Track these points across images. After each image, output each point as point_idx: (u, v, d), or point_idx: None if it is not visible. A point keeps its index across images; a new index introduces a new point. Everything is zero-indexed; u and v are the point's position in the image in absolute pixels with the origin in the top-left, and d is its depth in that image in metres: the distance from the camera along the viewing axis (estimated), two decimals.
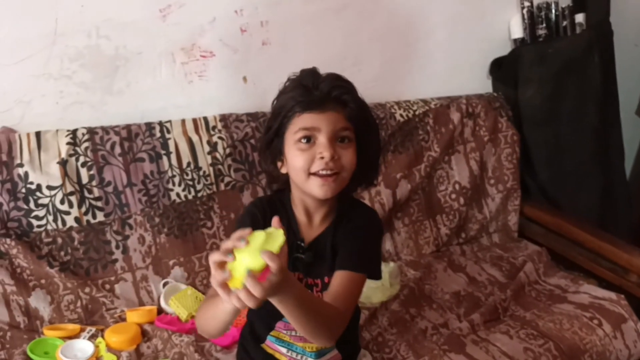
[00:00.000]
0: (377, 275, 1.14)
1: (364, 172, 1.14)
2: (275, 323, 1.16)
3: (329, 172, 1.05)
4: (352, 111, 1.08)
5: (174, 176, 1.72)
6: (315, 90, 1.07)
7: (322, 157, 1.05)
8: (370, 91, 1.15)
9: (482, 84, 2.22)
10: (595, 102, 2.04)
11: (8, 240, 1.55)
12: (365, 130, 1.11)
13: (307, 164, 1.06)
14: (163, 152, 1.72)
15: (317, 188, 1.06)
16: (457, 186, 2.05)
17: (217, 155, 1.76)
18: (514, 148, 2.11)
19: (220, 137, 1.77)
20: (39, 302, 1.57)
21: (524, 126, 2.13)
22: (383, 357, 1.44)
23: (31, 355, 1.43)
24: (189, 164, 1.73)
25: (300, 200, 1.14)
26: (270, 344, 1.17)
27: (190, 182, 1.73)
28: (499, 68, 2.18)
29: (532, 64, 2.08)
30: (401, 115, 1.98)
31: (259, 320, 1.19)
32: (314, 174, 1.06)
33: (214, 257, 0.85)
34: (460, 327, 1.56)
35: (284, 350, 1.16)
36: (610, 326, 1.56)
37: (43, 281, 1.58)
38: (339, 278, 1.08)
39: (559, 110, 2.06)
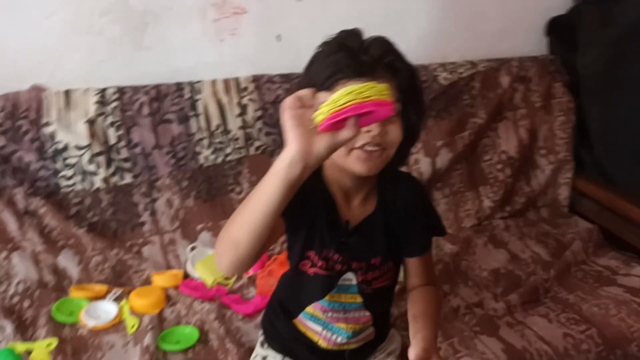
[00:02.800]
0: (444, 233, 1.15)
1: (405, 146, 1.01)
2: (307, 305, 1.09)
3: (375, 148, 0.93)
4: (403, 80, 0.95)
5: (202, 139, 1.67)
6: (363, 54, 0.93)
7: (368, 131, 0.91)
8: (413, 52, 1.02)
9: (537, 46, 2.06)
10: None
11: (37, 200, 1.55)
12: (413, 101, 0.99)
13: None
14: (191, 113, 1.67)
15: (359, 164, 0.94)
16: (503, 156, 1.92)
17: (248, 118, 1.70)
18: (569, 117, 1.95)
19: (251, 99, 1.71)
20: (67, 261, 1.57)
21: (582, 94, 1.96)
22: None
23: (56, 315, 1.43)
24: (218, 127, 1.68)
25: (336, 180, 1.03)
26: (303, 321, 1.11)
27: (220, 146, 1.68)
28: (557, 28, 2.00)
29: (594, 25, 1.89)
30: (445, 78, 1.85)
31: (291, 298, 1.12)
32: (357, 148, 0.94)
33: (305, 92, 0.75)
34: (496, 307, 1.46)
35: (318, 328, 1.10)
36: None
37: (72, 241, 1.58)
38: (423, 263, 1.11)
39: (622, 79, 1.85)
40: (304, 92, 0.74)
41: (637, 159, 1.88)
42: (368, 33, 1.02)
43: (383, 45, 0.95)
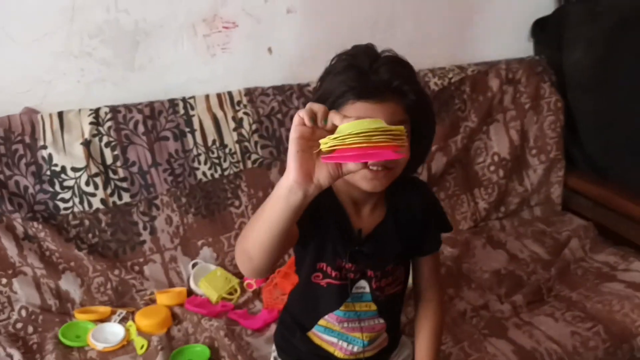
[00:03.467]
0: (451, 228, 1.17)
1: (414, 163, 1.03)
2: (321, 316, 1.09)
3: (380, 168, 0.94)
4: (412, 103, 0.95)
5: (199, 155, 1.66)
6: (373, 75, 0.93)
7: None
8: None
9: (523, 47, 2.09)
10: None
11: (36, 224, 1.53)
12: (423, 122, 0.99)
13: None
14: (187, 129, 1.66)
15: (365, 182, 0.95)
16: (496, 157, 1.95)
17: (243, 131, 1.70)
18: (558, 116, 1.99)
19: (245, 113, 1.70)
20: (69, 284, 1.55)
21: (569, 92, 1.99)
22: None
23: (63, 340, 1.42)
24: (214, 142, 1.68)
25: (344, 190, 1.03)
26: (318, 334, 1.11)
27: (217, 160, 1.68)
28: (542, 29, 2.04)
29: (581, 23, 1.92)
30: (436, 84, 1.87)
31: (305, 311, 1.12)
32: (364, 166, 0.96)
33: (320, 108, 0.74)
34: (502, 309, 1.48)
35: (334, 339, 1.10)
36: None
37: (72, 264, 1.56)
38: (433, 261, 1.14)
39: (610, 74, 1.88)
40: (317, 108, 0.74)
41: (630, 151, 1.92)
42: (357, 42, 1.02)
43: (393, 67, 0.95)
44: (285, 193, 0.74)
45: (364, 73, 0.94)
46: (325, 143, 0.71)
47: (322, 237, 1.01)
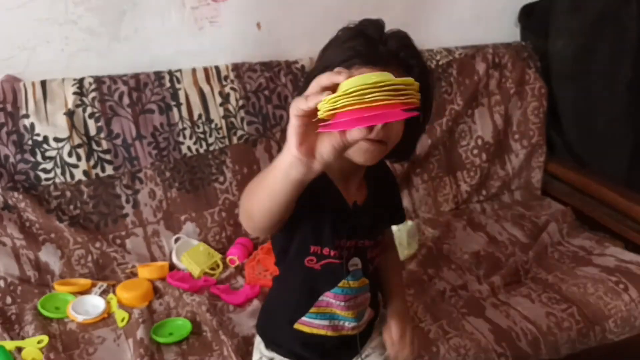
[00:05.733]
0: (403, 219, 1.21)
1: (402, 146, 0.99)
2: (315, 300, 1.07)
3: (376, 140, 0.92)
4: (415, 78, 0.95)
5: (184, 129, 1.65)
6: (381, 44, 0.93)
7: None
8: None
9: (511, 33, 2.10)
10: (630, 56, 1.90)
11: (16, 194, 1.51)
12: (424, 101, 0.99)
13: None
14: (173, 103, 1.64)
15: (360, 152, 0.92)
16: (479, 141, 1.97)
17: (230, 107, 1.69)
18: (541, 102, 2.01)
19: (232, 88, 1.69)
20: (49, 256, 1.54)
21: (553, 79, 2.02)
22: None
23: (42, 311, 1.41)
24: (200, 116, 1.66)
25: (337, 166, 1.00)
26: (307, 322, 1.09)
27: (202, 135, 1.67)
28: (529, 16, 2.05)
29: (565, 13, 1.94)
30: None
31: (296, 299, 1.08)
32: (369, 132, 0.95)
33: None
34: (480, 289, 1.51)
35: (325, 322, 1.08)
36: (637, 291, 1.50)
37: (53, 235, 1.55)
38: (390, 229, 1.19)
39: (590, 64, 1.92)
40: (325, 79, 0.68)
41: (607, 142, 1.96)
42: (346, 22, 1.00)
43: (401, 40, 0.95)
44: (286, 168, 0.71)
45: (373, 41, 0.93)
46: (322, 108, 0.62)
47: (317, 219, 1.00)
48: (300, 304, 1.08)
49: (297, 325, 1.08)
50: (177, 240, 1.64)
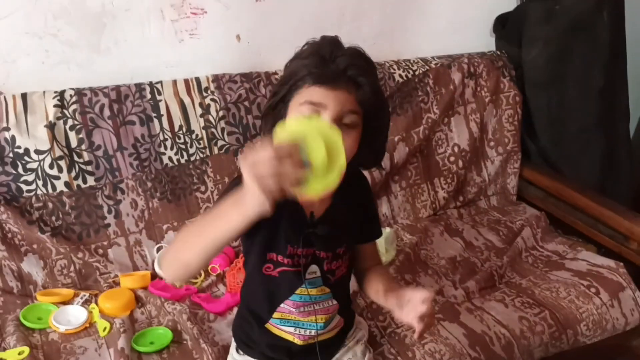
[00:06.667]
0: (380, 235, 1.24)
1: (365, 157, 1.07)
2: (277, 305, 1.12)
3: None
4: (364, 95, 0.99)
5: (165, 140, 1.67)
6: (331, 63, 0.98)
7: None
8: (368, 50, 1.07)
9: (485, 42, 2.15)
10: (602, 64, 1.97)
11: None
12: (375, 118, 1.03)
13: None
14: (154, 114, 1.67)
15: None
16: (456, 149, 2.01)
17: (210, 117, 1.71)
18: (516, 109, 2.06)
19: (212, 99, 1.72)
20: (31, 267, 1.55)
21: (527, 87, 2.07)
22: (377, 324, 1.43)
23: (24, 321, 1.42)
24: (180, 127, 1.69)
25: None
26: (275, 325, 1.14)
27: (183, 146, 1.69)
28: (504, 25, 2.10)
29: (538, 22, 1.99)
30: (400, 76, 1.92)
31: (259, 303, 1.15)
32: None
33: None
34: (455, 294, 1.55)
35: (290, 329, 1.13)
36: (608, 295, 1.55)
37: (35, 246, 1.56)
38: (373, 246, 1.22)
39: (563, 72, 1.98)
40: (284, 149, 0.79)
41: (580, 148, 2.01)
42: (324, 32, 1.07)
43: (352, 58, 1.00)
44: (245, 212, 0.79)
45: (324, 60, 0.99)
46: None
47: (272, 227, 1.04)
48: (263, 309, 1.13)
49: (267, 325, 1.13)
50: (159, 249, 1.66)
